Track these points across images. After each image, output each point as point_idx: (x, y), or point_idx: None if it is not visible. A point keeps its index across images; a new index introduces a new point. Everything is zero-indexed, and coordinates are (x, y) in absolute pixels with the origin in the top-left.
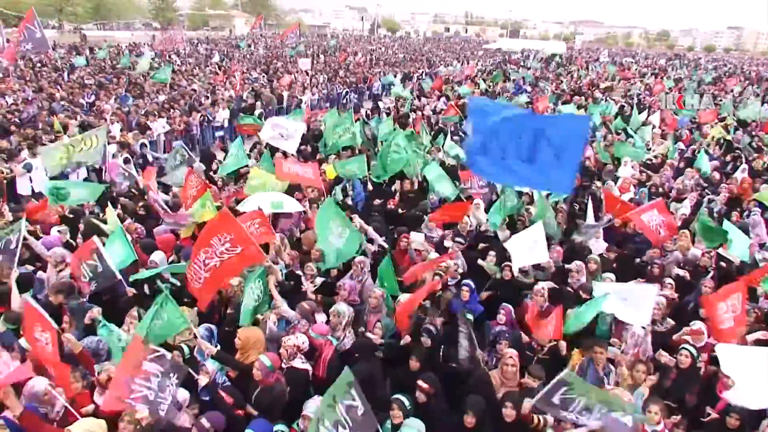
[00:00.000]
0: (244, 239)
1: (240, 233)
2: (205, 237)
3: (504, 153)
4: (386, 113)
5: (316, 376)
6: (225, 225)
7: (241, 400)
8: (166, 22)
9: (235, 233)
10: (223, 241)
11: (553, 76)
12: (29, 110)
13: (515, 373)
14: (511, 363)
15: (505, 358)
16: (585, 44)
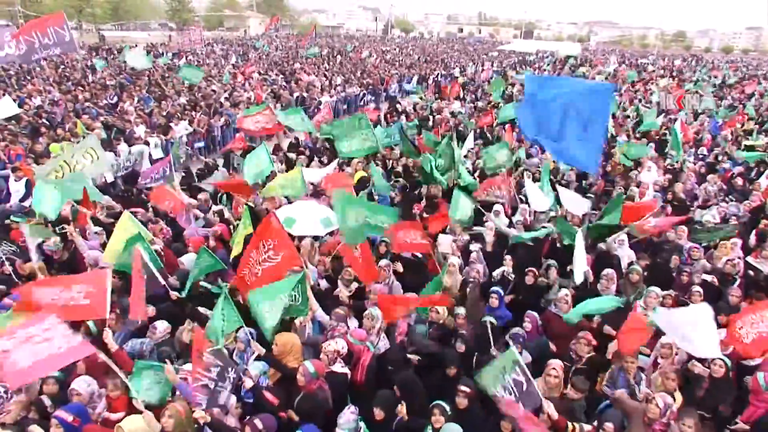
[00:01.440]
0: (287, 245)
1: (283, 239)
2: (255, 240)
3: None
4: (405, 115)
5: (354, 381)
6: (270, 231)
7: (284, 403)
8: (182, 23)
9: (279, 239)
10: (267, 248)
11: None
12: (57, 111)
13: (558, 384)
14: (554, 374)
15: (549, 368)
16: (600, 45)
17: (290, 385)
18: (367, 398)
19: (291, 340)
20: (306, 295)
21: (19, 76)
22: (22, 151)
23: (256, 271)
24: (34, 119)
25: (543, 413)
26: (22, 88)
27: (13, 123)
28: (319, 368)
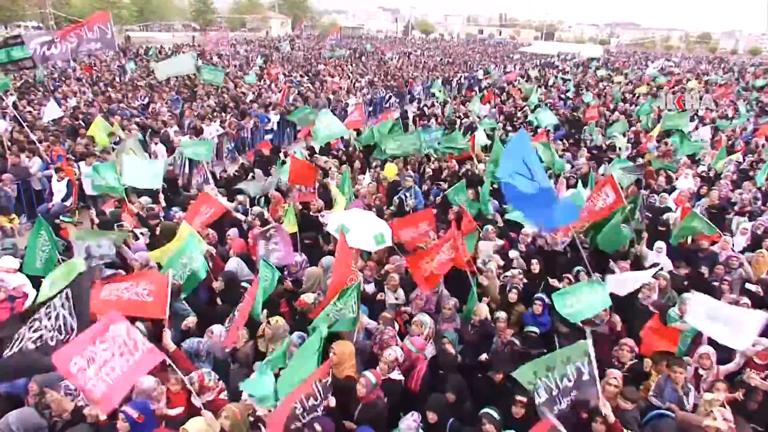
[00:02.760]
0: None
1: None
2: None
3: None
4: (434, 118)
5: (409, 389)
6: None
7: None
8: (205, 24)
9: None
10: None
11: (593, 82)
12: (92, 112)
13: (617, 394)
14: (614, 383)
15: (609, 376)
16: (621, 47)
17: (346, 393)
18: (417, 402)
19: (348, 349)
20: (358, 306)
21: (54, 78)
22: (64, 152)
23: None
24: (72, 120)
25: (596, 420)
26: (56, 89)
27: (52, 124)
28: (378, 378)
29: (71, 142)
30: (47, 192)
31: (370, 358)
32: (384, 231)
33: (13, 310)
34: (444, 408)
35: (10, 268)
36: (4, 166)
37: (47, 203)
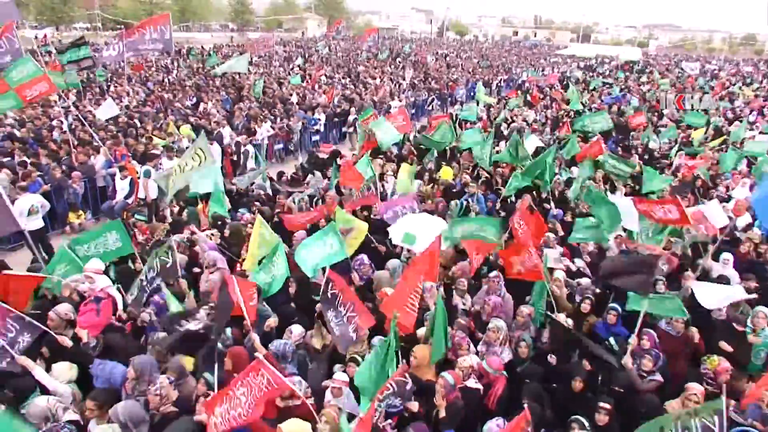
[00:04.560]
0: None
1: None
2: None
3: None
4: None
5: (486, 405)
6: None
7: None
8: (242, 24)
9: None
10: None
11: (635, 86)
12: (147, 111)
13: None
14: (695, 399)
15: (689, 391)
16: (661, 50)
17: (426, 397)
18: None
19: (428, 353)
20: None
21: (106, 78)
22: (126, 152)
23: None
24: (127, 119)
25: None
26: (108, 89)
27: (110, 123)
28: (457, 379)
29: (132, 141)
30: (110, 189)
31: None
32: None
33: (99, 311)
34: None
35: (98, 269)
36: (70, 164)
37: (110, 200)
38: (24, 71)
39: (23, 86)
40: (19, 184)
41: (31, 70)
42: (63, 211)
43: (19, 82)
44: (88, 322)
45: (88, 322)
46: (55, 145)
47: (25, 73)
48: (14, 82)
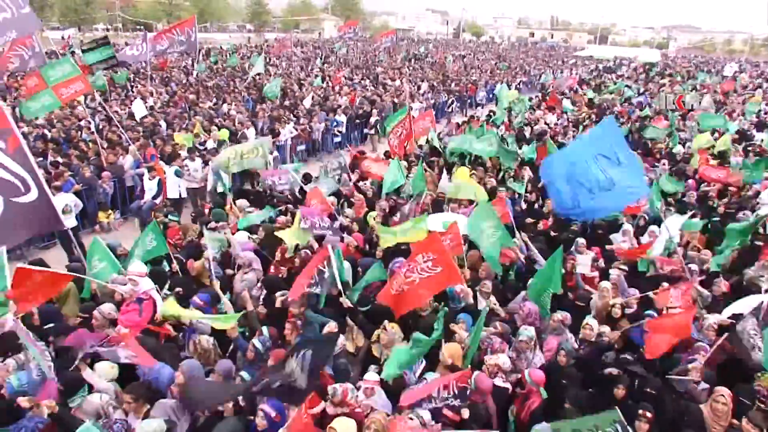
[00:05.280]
0: (447, 262)
1: (444, 255)
2: (414, 253)
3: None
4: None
5: (518, 415)
6: (431, 245)
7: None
8: (259, 25)
9: (438, 254)
10: (426, 259)
11: (656, 89)
12: (170, 112)
13: (727, 413)
14: (722, 401)
15: (716, 395)
16: (680, 51)
17: None
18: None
19: (458, 351)
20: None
21: (129, 78)
22: (156, 152)
23: (413, 279)
24: (153, 119)
25: None
26: (131, 90)
27: (136, 123)
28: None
29: (159, 141)
30: (138, 189)
31: None
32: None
33: (141, 312)
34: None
35: (141, 272)
36: (98, 164)
37: (138, 200)
38: (61, 71)
39: (59, 85)
40: (53, 183)
41: (68, 70)
42: (93, 211)
43: (56, 81)
44: (130, 321)
45: (130, 321)
46: (84, 146)
47: (62, 72)
48: (52, 81)
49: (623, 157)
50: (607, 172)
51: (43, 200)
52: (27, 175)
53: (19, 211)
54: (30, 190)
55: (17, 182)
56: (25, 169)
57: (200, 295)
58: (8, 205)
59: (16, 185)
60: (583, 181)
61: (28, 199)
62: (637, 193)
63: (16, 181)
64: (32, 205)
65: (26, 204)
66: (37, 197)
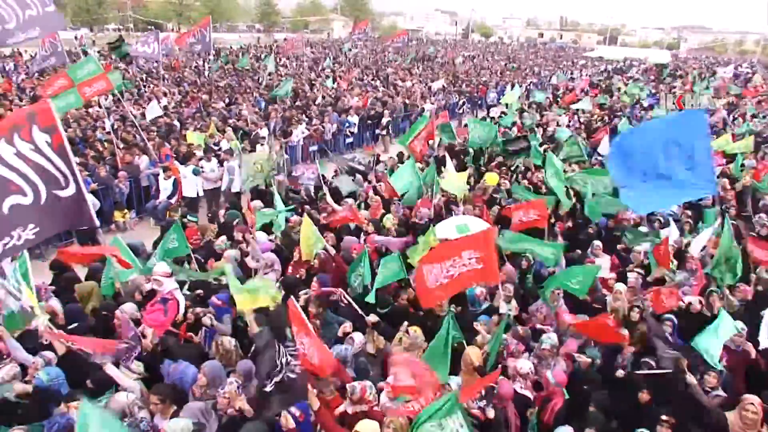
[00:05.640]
0: (490, 261)
1: (489, 254)
2: (460, 248)
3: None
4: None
5: (541, 418)
6: (480, 242)
7: None
8: (269, 25)
9: (485, 252)
10: (471, 257)
11: (667, 90)
12: (184, 111)
13: (756, 422)
14: (752, 409)
15: (745, 402)
16: (691, 52)
17: None
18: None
19: (481, 354)
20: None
21: (141, 78)
22: (171, 152)
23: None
24: (167, 119)
25: None
26: (144, 89)
27: (150, 123)
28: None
29: (174, 141)
30: (153, 189)
31: None
32: (470, 222)
33: (166, 312)
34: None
35: (166, 272)
36: (113, 163)
37: (154, 200)
38: (86, 69)
39: (83, 84)
40: None
41: (92, 69)
42: (109, 210)
43: (81, 79)
44: (155, 321)
45: (155, 321)
46: (100, 145)
47: (87, 71)
48: (77, 80)
49: (698, 152)
50: (672, 162)
51: (79, 196)
52: (67, 170)
53: (58, 203)
54: (69, 185)
55: (59, 176)
56: (65, 165)
57: (219, 295)
58: (49, 196)
59: (57, 178)
60: (640, 160)
61: (66, 194)
62: (700, 191)
63: (58, 175)
64: (70, 199)
65: (64, 197)
66: (74, 192)
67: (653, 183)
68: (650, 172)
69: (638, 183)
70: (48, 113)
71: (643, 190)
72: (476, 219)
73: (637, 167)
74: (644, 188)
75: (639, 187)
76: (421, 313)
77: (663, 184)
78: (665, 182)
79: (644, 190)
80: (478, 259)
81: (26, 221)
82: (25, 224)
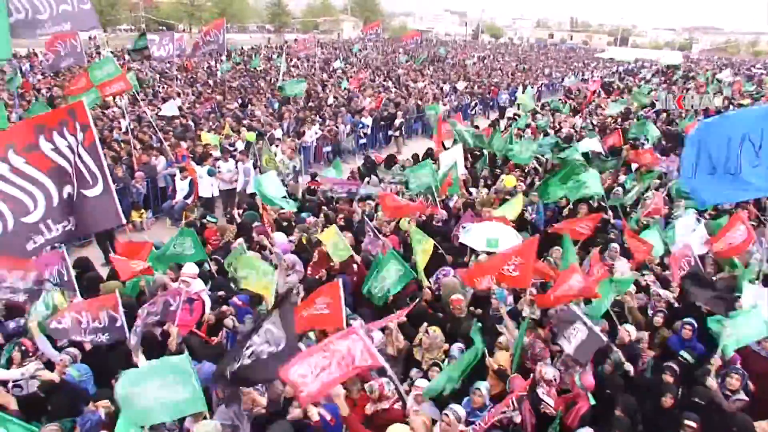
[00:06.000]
0: (528, 268)
1: (529, 264)
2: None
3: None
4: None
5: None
6: (526, 252)
7: None
8: (279, 26)
9: (526, 260)
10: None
11: (680, 91)
12: (203, 112)
13: None
14: None
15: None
16: (703, 53)
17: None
18: None
19: (507, 358)
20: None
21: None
22: (188, 152)
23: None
24: (183, 120)
25: None
26: (159, 90)
27: (165, 123)
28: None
29: (190, 142)
30: (170, 189)
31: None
32: (500, 235)
33: (192, 311)
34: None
35: (193, 273)
36: (130, 164)
37: (171, 200)
38: (106, 70)
39: (104, 84)
40: None
41: (111, 70)
42: (126, 210)
43: (101, 80)
44: (181, 320)
45: (181, 320)
46: (116, 146)
47: (107, 72)
48: (97, 80)
49: (764, 151)
50: (741, 158)
51: (107, 195)
52: (97, 170)
53: (87, 203)
54: (97, 183)
55: (88, 175)
56: (96, 164)
57: (240, 296)
58: (79, 197)
59: (86, 178)
60: (713, 153)
61: (94, 193)
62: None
63: (86, 174)
64: (97, 198)
65: (92, 197)
66: (102, 192)
67: (720, 177)
68: (720, 165)
69: (705, 176)
70: (83, 112)
71: (708, 183)
72: (505, 229)
73: (709, 159)
74: (709, 181)
75: (705, 180)
76: (441, 315)
77: (729, 178)
78: (731, 177)
79: (709, 182)
80: (517, 266)
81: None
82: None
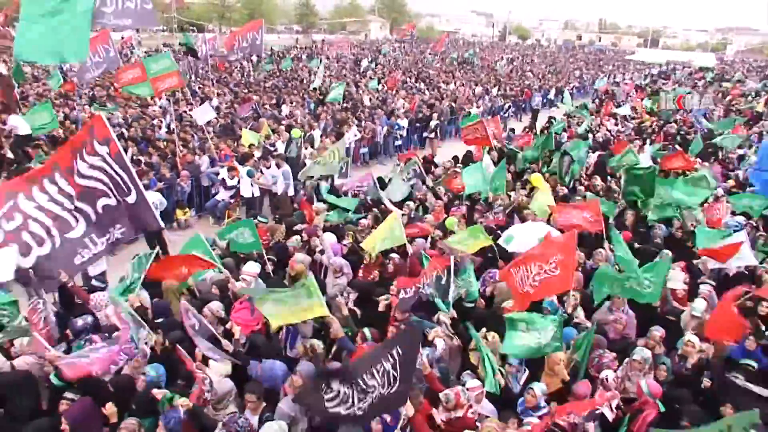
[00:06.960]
0: (568, 267)
1: (570, 260)
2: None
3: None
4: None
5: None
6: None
7: None
8: (307, 26)
9: (566, 257)
10: (554, 260)
11: (715, 94)
12: (243, 112)
13: None
14: None
15: None
16: (737, 55)
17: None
18: None
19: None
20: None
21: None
22: (231, 152)
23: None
24: (223, 120)
25: None
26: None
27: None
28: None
29: (232, 142)
30: (214, 188)
31: None
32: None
33: (253, 311)
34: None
35: (254, 272)
36: (173, 163)
37: (215, 199)
38: (161, 64)
39: (157, 78)
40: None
41: (167, 64)
42: (171, 208)
43: (156, 74)
44: (243, 320)
45: (243, 320)
46: (161, 144)
47: (162, 66)
48: (152, 74)
49: None
50: None
51: (142, 201)
52: (127, 178)
53: (129, 209)
54: (131, 191)
55: (122, 184)
56: (125, 172)
57: None
58: (120, 203)
59: (122, 187)
60: None
61: (131, 200)
62: None
63: (121, 183)
64: (134, 206)
65: (132, 204)
66: (136, 198)
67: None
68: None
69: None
70: (102, 126)
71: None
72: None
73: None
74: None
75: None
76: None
77: None
78: None
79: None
80: (558, 264)
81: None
82: (114, 224)
